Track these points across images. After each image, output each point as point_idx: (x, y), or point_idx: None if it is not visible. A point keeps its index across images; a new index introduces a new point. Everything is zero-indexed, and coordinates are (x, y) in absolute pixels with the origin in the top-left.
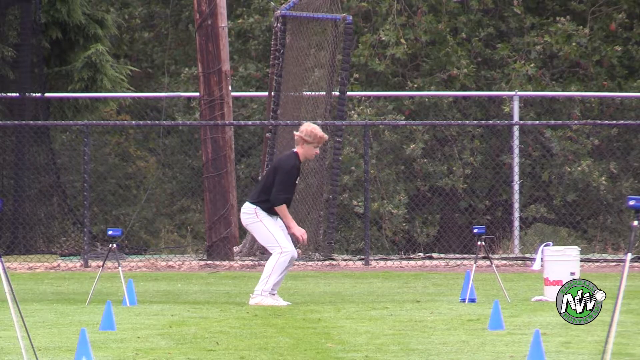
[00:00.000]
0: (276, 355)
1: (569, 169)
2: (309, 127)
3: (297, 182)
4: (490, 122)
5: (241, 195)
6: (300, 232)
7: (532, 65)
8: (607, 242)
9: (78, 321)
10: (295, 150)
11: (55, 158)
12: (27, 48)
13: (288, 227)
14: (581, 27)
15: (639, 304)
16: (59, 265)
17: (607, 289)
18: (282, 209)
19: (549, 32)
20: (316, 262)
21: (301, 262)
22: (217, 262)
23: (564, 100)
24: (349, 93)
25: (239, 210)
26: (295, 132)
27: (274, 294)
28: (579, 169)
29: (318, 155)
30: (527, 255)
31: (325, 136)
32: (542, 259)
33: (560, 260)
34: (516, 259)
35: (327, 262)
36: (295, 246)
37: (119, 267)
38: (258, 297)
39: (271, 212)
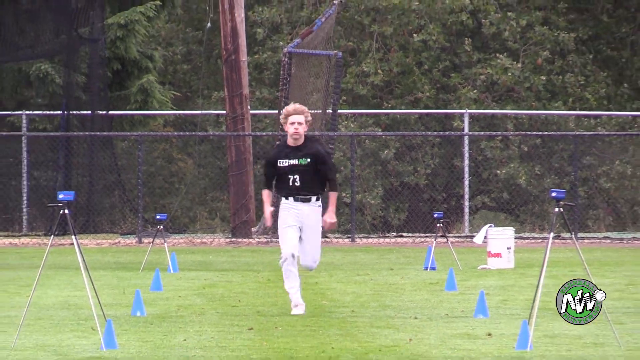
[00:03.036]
0: (284, 310)
1: (498, 171)
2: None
3: (288, 164)
4: (447, 133)
5: (257, 189)
6: (266, 216)
7: (474, 91)
8: (535, 224)
9: (134, 284)
10: None
11: (117, 161)
12: (95, 76)
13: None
14: (515, 61)
15: (558, 271)
16: (119, 242)
17: (535, 260)
18: (263, 194)
19: (490, 65)
20: None
21: None
22: (239, 240)
23: (501, 117)
24: (339, 111)
25: (256, 200)
26: None
27: (296, 305)
28: (504, 170)
29: (296, 131)
30: (475, 234)
31: (289, 108)
32: (485, 236)
33: (500, 238)
34: (466, 237)
35: (322, 239)
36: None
37: (165, 243)
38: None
39: (286, 201)
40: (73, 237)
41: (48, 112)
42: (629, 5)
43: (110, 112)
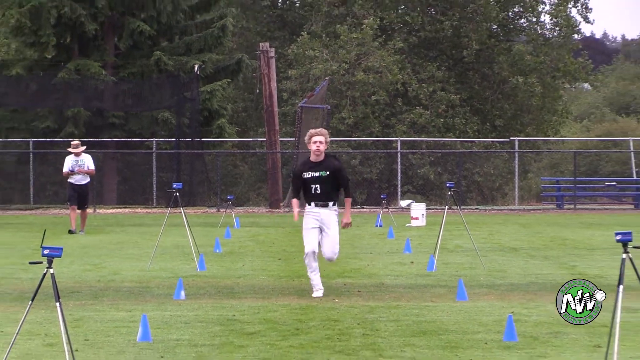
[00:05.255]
0: (297, 249)
1: (418, 171)
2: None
3: (311, 175)
4: (388, 150)
5: (284, 183)
6: (295, 215)
7: (404, 127)
8: (437, 201)
9: (215, 234)
10: None
11: (206, 166)
12: (194, 119)
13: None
14: (426, 110)
15: (451, 227)
16: (206, 211)
17: (437, 221)
18: (292, 203)
19: (413, 113)
20: None
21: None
22: (273, 210)
23: (419, 142)
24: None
25: (283, 188)
26: None
27: (317, 290)
28: (421, 171)
29: (317, 148)
30: (403, 202)
31: (312, 131)
32: (409, 206)
33: (418, 209)
34: (399, 208)
35: None
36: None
37: (232, 212)
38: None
39: (309, 207)
40: (181, 208)
41: (167, 139)
42: (490, 79)
43: (202, 139)
